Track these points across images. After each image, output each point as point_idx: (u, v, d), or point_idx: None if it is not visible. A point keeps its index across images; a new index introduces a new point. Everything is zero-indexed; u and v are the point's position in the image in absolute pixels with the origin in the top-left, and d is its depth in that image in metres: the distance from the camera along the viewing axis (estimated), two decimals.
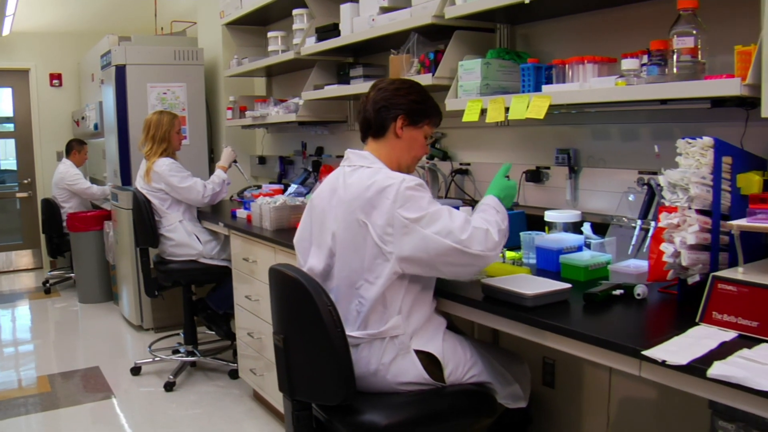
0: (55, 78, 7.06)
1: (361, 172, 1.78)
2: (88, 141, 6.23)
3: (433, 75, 2.52)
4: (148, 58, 4.69)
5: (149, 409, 3.47)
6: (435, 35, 2.69)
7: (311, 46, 3.36)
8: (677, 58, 1.78)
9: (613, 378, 2.31)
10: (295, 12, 3.60)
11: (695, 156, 1.64)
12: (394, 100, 1.83)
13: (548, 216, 2.26)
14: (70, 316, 5.44)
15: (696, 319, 1.52)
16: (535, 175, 2.54)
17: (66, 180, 5.88)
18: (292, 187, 3.79)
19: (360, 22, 2.97)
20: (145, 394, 3.67)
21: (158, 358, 3.98)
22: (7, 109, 7.13)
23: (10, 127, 7.15)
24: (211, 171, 4.87)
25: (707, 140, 1.62)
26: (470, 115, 2.31)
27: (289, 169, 4.46)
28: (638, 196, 2.21)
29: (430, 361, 1.76)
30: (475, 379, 1.84)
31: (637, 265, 1.99)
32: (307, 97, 3.47)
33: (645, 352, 1.33)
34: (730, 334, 1.44)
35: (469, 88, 2.40)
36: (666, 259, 1.65)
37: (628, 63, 1.90)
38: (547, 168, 2.52)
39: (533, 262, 2.15)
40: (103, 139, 5.49)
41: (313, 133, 4.14)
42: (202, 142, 4.89)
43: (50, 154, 7.03)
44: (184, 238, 3.72)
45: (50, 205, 5.96)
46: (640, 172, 2.19)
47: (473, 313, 1.79)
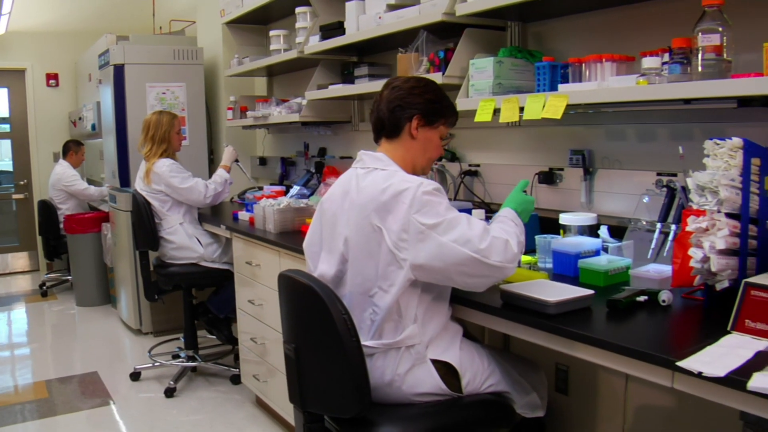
0: (52, 78, 6.97)
1: (375, 175, 1.71)
2: (85, 142, 6.16)
3: (443, 74, 2.45)
4: (147, 57, 4.61)
5: (149, 416, 3.39)
6: (444, 33, 2.63)
7: (315, 45, 3.29)
8: (702, 56, 1.72)
9: (630, 384, 2.25)
10: (298, 10, 3.53)
11: (723, 157, 1.57)
12: (409, 99, 1.75)
13: (563, 219, 2.19)
14: (68, 319, 5.35)
15: (727, 327, 1.45)
16: (548, 177, 2.48)
17: (63, 181, 5.80)
18: (295, 189, 3.73)
19: (366, 20, 2.91)
20: (144, 400, 3.59)
21: (158, 363, 3.91)
22: (3, 110, 7.04)
23: (6, 128, 7.06)
24: (211, 172, 4.80)
25: (736, 141, 1.56)
26: (483, 115, 2.25)
27: (291, 171, 4.39)
28: (653, 198, 2.15)
29: (447, 371, 1.69)
30: (492, 389, 1.78)
31: (658, 269, 1.93)
32: (311, 96, 3.40)
33: (680, 363, 1.27)
34: (764, 343, 1.37)
35: (481, 88, 2.34)
36: (694, 264, 1.58)
37: (650, 61, 1.84)
38: (561, 169, 2.46)
39: (549, 266, 2.09)
40: (100, 140, 5.41)
41: (316, 134, 4.07)
42: (202, 142, 4.82)
43: (47, 155, 6.95)
44: (184, 241, 3.64)
45: (47, 207, 5.88)
46: (659, 174, 2.13)
47: (492, 321, 1.72)
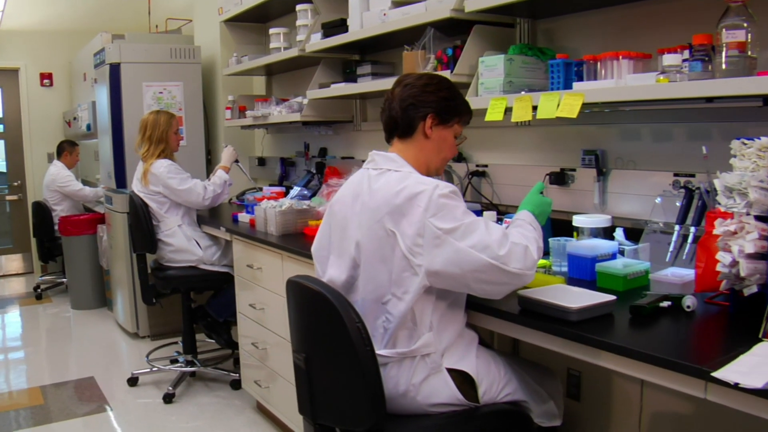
0: (46, 77, 6.87)
1: (388, 176, 1.64)
2: (80, 142, 6.07)
3: (451, 72, 2.39)
4: (144, 56, 4.52)
5: (148, 422, 3.31)
6: (451, 30, 2.56)
7: (317, 43, 3.22)
8: (726, 53, 1.66)
9: (645, 390, 2.19)
10: (299, 8, 3.46)
11: (751, 157, 1.51)
12: (423, 98, 1.68)
13: (577, 221, 2.12)
14: (63, 322, 5.26)
15: (758, 335, 1.39)
16: (560, 178, 2.41)
17: (57, 182, 5.72)
18: (295, 190, 3.66)
19: (370, 17, 2.84)
20: (142, 406, 3.51)
21: (156, 368, 3.82)
22: None
23: (0, 128, 6.96)
24: (209, 172, 4.73)
25: (765, 141, 1.50)
26: (494, 114, 2.18)
27: (291, 171, 4.31)
28: (670, 200, 2.10)
29: (463, 380, 1.62)
30: (509, 398, 1.71)
31: (677, 273, 1.87)
32: (313, 95, 3.33)
33: (715, 374, 1.21)
34: None
35: (491, 86, 2.27)
36: (721, 268, 1.52)
37: (670, 58, 1.78)
38: (573, 170, 2.39)
39: (564, 270, 2.02)
40: (95, 140, 5.33)
41: (317, 134, 4.00)
42: (200, 143, 4.74)
43: (41, 155, 6.85)
44: (183, 244, 3.56)
45: (41, 208, 5.79)
46: (676, 174, 2.07)
47: (510, 328, 1.65)
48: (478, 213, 2.27)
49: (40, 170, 6.49)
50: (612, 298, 1.61)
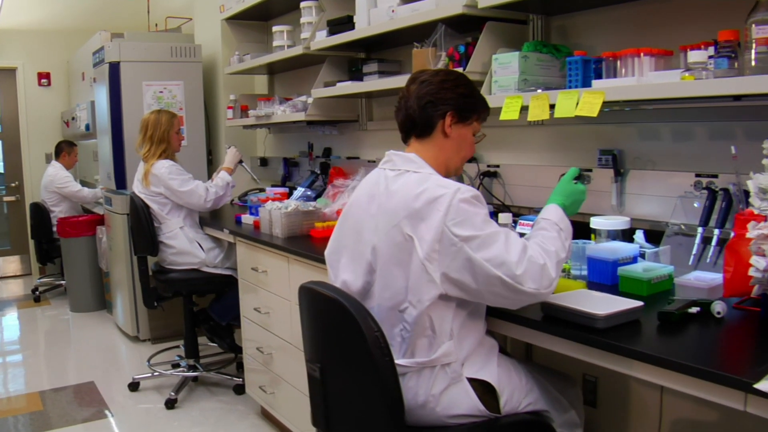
0: (44, 77, 6.79)
1: (407, 178, 1.57)
2: (79, 142, 5.99)
3: (464, 69, 2.32)
4: (144, 54, 4.45)
5: (149, 428, 3.24)
6: (462, 27, 2.50)
7: (322, 40, 3.15)
8: (755, 49, 1.59)
9: (665, 396, 2.13)
10: (303, 5, 3.39)
11: None
12: (441, 95, 1.61)
13: (595, 223, 2.06)
14: (62, 325, 5.18)
15: None
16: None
17: (56, 183, 5.64)
18: (299, 191, 3.58)
19: (378, 14, 2.77)
20: (144, 412, 3.44)
21: (157, 373, 3.75)
22: None
23: None
24: (211, 173, 4.66)
25: None
26: (509, 113, 2.12)
27: (294, 172, 4.24)
28: (686, 201, 2.03)
29: (484, 390, 1.56)
30: (531, 408, 1.64)
31: (702, 277, 1.80)
32: (318, 94, 3.26)
33: (757, 386, 1.14)
34: None
35: (505, 84, 2.21)
36: (753, 273, 1.46)
37: (696, 55, 1.71)
38: (589, 170, 2.33)
39: (584, 273, 1.95)
40: (94, 141, 5.25)
41: (321, 133, 3.92)
42: (201, 143, 4.66)
43: (39, 156, 6.77)
44: (185, 246, 3.49)
45: (39, 210, 5.71)
46: (698, 175, 2.01)
47: (533, 336, 1.59)
48: (492, 215, 2.21)
49: (38, 171, 6.41)
50: (639, 304, 1.54)
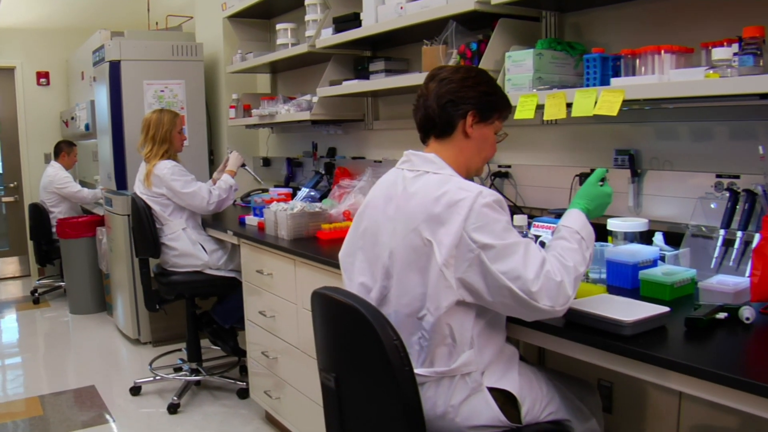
0: (42, 76, 6.72)
1: (426, 179, 1.51)
2: (78, 142, 5.93)
3: None
4: (144, 53, 4.38)
5: None
6: (472, 24, 2.44)
7: (328, 38, 3.09)
8: None
9: (684, 403, 2.07)
10: (308, 2, 3.33)
11: None
12: (462, 93, 1.54)
13: (612, 224, 2.01)
14: (61, 327, 5.12)
15: None
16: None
17: (55, 183, 5.58)
18: (303, 191, 3.52)
19: (386, 11, 2.71)
20: (146, 416, 3.38)
21: (159, 377, 3.69)
22: None
23: None
24: (211, 173, 4.59)
25: None
26: (524, 112, 2.06)
27: (297, 172, 4.18)
28: (706, 202, 1.98)
29: (505, 399, 1.50)
30: (552, 417, 1.59)
31: (725, 281, 1.74)
32: (324, 93, 3.19)
33: None
34: None
35: (519, 82, 2.15)
36: None
37: (721, 52, 1.66)
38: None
39: (603, 276, 1.90)
40: (94, 141, 5.19)
41: (325, 133, 3.86)
42: (202, 143, 4.59)
43: (37, 156, 6.70)
44: (187, 248, 3.43)
45: (38, 210, 5.65)
46: (718, 176, 1.95)
47: (555, 342, 1.53)
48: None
49: (37, 171, 6.35)
50: (665, 309, 1.49)
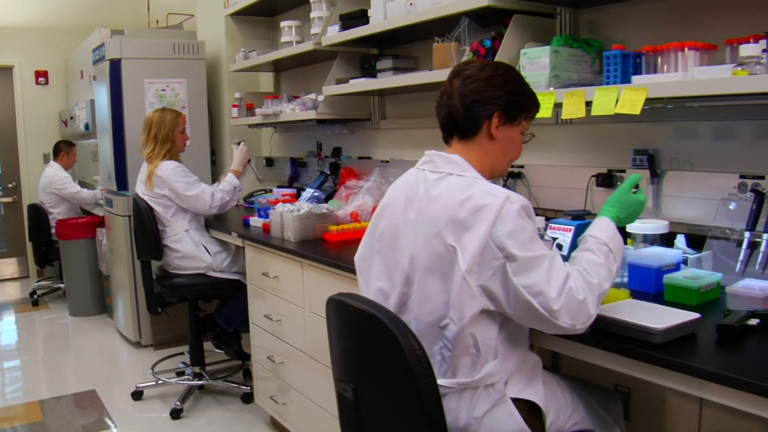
0: (41, 75, 6.65)
1: (450, 182, 1.44)
2: (77, 142, 5.86)
3: None
4: (145, 51, 4.31)
5: None
6: (485, 20, 2.38)
7: (335, 36, 3.03)
8: None
9: (705, 410, 2.01)
10: None
11: None
12: (488, 93, 1.47)
13: (632, 227, 1.95)
14: (61, 330, 5.05)
15: None
16: (607, 180, 2.23)
17: (54, 184, 5.51)
18: (308, 192, 3.46)
19: (395, 8, 2.65)
20: (148, 422, 3.32)
21: (161, 381, 3.62)
22: None
23: None
24: (214, 174, 4.54)
25: None
26: (541, 111, 1.98)
27: (301, 172, 4.11)
28: (726, 203, 1.92)
29: (529, 410, 1.44)
30: (577, 427, 1.53)
31: (752, 285, 1.68)
32: (330, 92, 3.13)
33: None
34: None
35: (535, 80, 2.08)
36: None
37: (749, 49, 1.60)
38: (622, 171, 2.21)
39: (625, 280, 1.84)
40: (93, 140, 5.12)
41: (330, 132, 3.80)
42: (204, 142, 4.52)
43: (36, 156, 6.62)
44: (190, 250, 3.36)
45: (37, 211, 5.58)
46: (742, 176, 1.89)
47: (581, 350, 1.47)
48: None
49: (36, 171, 6.28)
50: (696, 316, 1.43)
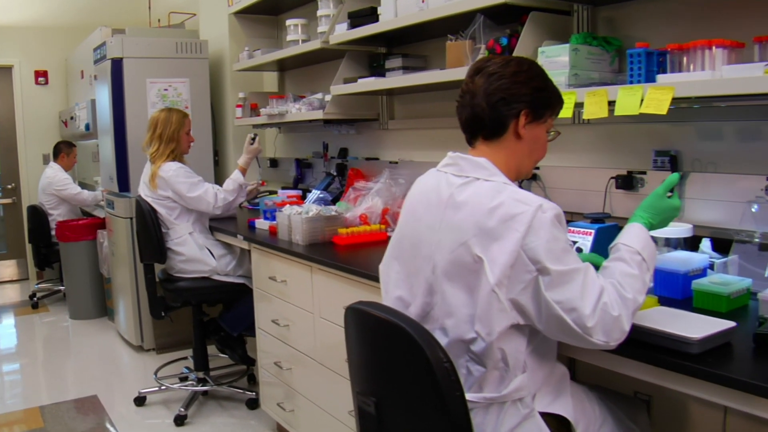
0: (41, 75, 6.58)
1: (477, 187, 1.37)
2: (77, 143, 5.79)
3: None
4: (147, 50, 4.24)
5: None
6: (499, 18, 2.32)
7: (343, 34, 2.96)
8: None
9: (729, 417, 1.95)
10: None
11: None
12: (515, 90, 1.40)
13: (656, 230, 1.88)
14: (61, 333, 4.98)
15: None
16: (627, 182, 2.17)
17: (54, 185, 5.44)
18: (314, 193, 3.39)
19: (406, 5, 2.58)
20: (151, 428, 3.25)
21: (164, 387, 3.55)
22: None
23: None
24: (216, 174, 4.47)
25: None
26: (562, 111, 1.93)
27: (307, 173, 4.05)
28: (751, 206, 1.86)
29: (558, 425, 1.37)
30: None
31: None
32: (338, 91, 3.06)
33: None
34: None
35: (554, 79, 2.00)
36: None
37: None
38: (643, 173, 2.15)
39: (650, 285, 1.77)
40: (94, 141, 5.05)
41: (336, 133, 3.73)
42: (207, 143, 4.45)
43: (36, 157, 6.56)
44: (195, 253, 3.29)
45: (37, 213, 5.51)
46: None
47: (610, 360, 1.40)
48: None
49: (36, 172, 6.22)
50: (732, 324, 1.37)
